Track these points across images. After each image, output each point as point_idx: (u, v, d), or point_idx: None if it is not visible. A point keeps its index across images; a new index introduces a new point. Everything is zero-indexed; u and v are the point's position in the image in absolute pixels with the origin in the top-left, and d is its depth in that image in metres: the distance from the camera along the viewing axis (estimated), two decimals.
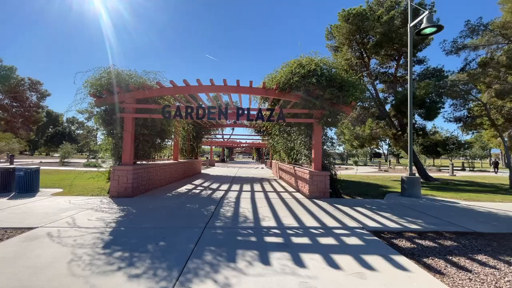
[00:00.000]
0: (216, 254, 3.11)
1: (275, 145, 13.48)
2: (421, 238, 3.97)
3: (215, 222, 4.57)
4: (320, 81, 6.58)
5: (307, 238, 3.80)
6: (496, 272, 2.86)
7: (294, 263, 2.90)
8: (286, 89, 7.05)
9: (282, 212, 5.39)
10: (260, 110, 7.62)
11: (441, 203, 6.91)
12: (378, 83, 17.77)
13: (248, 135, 19.39)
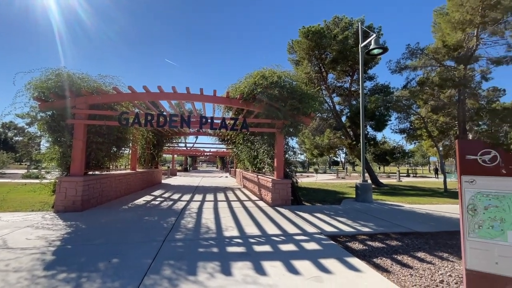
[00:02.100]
0: (175, 268, 3.00)
1: (239, 154, 13.54)
2: (372, 240, 4.32)
3: (176, 234, 4.40)
4: (282, 92, 6.87)
5: (269, 246, 3.87)
6: (432, 266, 3.24)
7: (256, 272, 2.93)
8: (249, 99, 7.21)
9: (245, 221, 5.41)
10: (223, 119, 7.64)
11: (389, 207, 7.60)
12: (335, 96, 19.08)
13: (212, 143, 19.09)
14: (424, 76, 15.93)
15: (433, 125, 16.53)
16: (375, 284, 2.71)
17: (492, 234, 2.11)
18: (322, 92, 17.88)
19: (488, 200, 2.14)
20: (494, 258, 2.09)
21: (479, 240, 2.15)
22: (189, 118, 7.36)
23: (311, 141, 16.38)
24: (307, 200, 8.79)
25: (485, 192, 2.16)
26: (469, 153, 2.25)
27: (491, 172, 2.14)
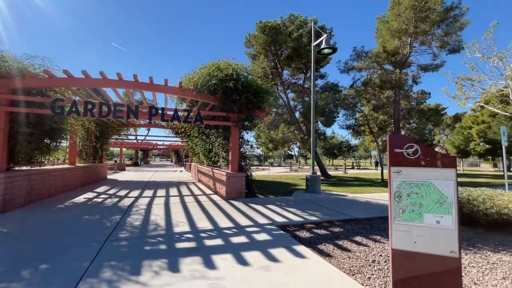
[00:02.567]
0: (117, 269, 2.79)
1: (194, 147, 13.17)
2: (318, 228, 4.64)
3: (120, 233, 4.09)
4: (237, 85, 6.83)
5: (220, 239, 3.86)
6: (367, 249, 3.62)
7: (205, 266, 2.90)
8: (203, 91, 7.00)
9: (198, 216, 5.30)
10: (176, 110, 7.30)
11: (335, 197, 8.26)
12: (289, 92, 19.78)
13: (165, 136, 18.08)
14: (368, 77, 17.57)
15: (374, 122, 18.40)
16: (318, 268, 2.92)
17: (412, 217, 2.44)
18: (278, 87, 18.37)
19: (410, 188, 2.46)
20: (413, 238, 2.42)
21: (402, 223, 2.46)
22: (137, 108, 6.84)
23: (266, 135, 16.79)
24: (261, 193, 9.01)
25: (408, 181, 2.47)
26: (397, 147, 2.54)
27: (413, 164, 2.46)
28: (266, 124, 17.72)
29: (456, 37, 14.59)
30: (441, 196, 2.37)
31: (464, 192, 5.16)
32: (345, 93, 17.22)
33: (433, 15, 13.74)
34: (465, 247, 3.73)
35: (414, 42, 15.61)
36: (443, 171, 2.39)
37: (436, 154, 2.44)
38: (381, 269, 2.97)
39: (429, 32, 14.48)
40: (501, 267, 3.06)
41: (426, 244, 2.39)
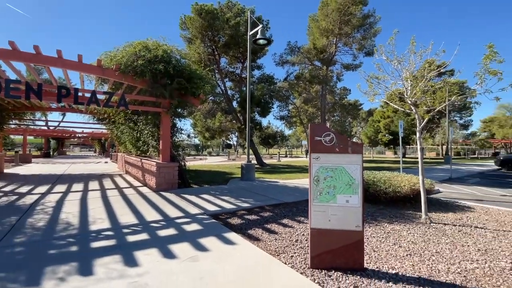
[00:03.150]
0: (8, 281, 2.29)
1: (120, 135, 11.83)
2: (249, 214, 4.79)
3: (16, 237, 3.37)
4: (168, 69, 6.34)
5: (146, 233, 3.59)
6: (292, 230, 3.92)
7: (125, 264, 2.64)
8: (128, 72, 6.26)
9: (121, 210, 4.81)
10: (94, 92, 6.34)
11: (268, 183, 8.68)
12: (227, 80, 19.59)
13: (85, 123, 15.63)
14: (300, 71, 18.80)
15: (304, 114, 19.96)
16: (246, 253, 3.01)
17: (327, 198, 2.72)
18: (215, 75, 17.95)
19: (326, 172, 2.73)
20: (328, 217, 2.71)
21: (320, 204, 2.73)
22: (41, 87, 5.66)
23: (203, 123, 16.36)
24: (196, 183, 8.77)
25: (325, 165, 2.73)
26: (316, 135, 2.77)
27: (330, 150, 2.73)
28: (203, 113, 17.22)
29: (371, 42, 16.86)
30: (351, 178, 2.71)
31: (370, 175, 6.09)
32: (280, 85, 18.08)
33: (354, 19, 15.51)
34: (369, 221, 4.42)
35: (338, 43, 17.39)
36: (352, 157, 2.72)
37: (348, 141, 2.76)
38: (303, 247, 3.26)
39: (350, 35, 16.35)
40: (393, 235, 3.75)
41: (338, 221, 2.71)
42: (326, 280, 2.47)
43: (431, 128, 32.66)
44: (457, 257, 3.06)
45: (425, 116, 4.56)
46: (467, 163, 22.79)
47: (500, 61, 3.74)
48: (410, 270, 2.71)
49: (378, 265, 2.82)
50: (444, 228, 4.10)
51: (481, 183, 10.44)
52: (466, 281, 2.53)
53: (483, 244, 3.44)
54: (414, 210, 5.09)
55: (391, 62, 4.55)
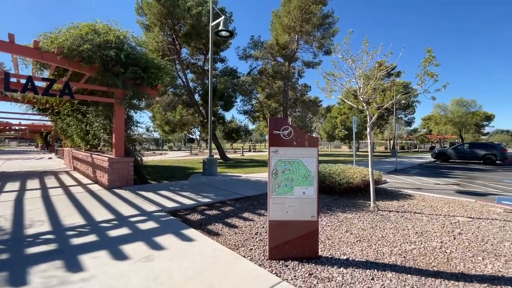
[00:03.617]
0: None
1: (66, 128, 10.66)
2: (210, 209, 4.71)
3: None
4: (121, 56, 5.83)
5: (94, 235, 3.30)
6: (252, 223, 3.96)
7: (67, 270, 2.39)
8: (74, 57, 5.60)
9: (66, 211, 4.34)
10: (30, 78, 5.57)
11: (230, 178, 8.64)
12: (189, 72, 18.87)
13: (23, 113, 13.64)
14: (263, 66, 18.93)
15: (267, 109, 20.23)
16: (204, 249, 2.94)
17: (285, 190, 2.79)
18: (176, 66, 17.15)
19: (285, 165, 2.79)
20: (286, 209, 2.79)
21: (278, 197, 2.78)
22: None
23: (162, 116, 15.56)
24: (154, 178, 8.34)
25: (283, 159, 2.79)
26: (275, 129, 2.80)
27: (288, 144, 2.79)
28: (163, 105, 16.36)
29: (329, 41, 17.67)
30: (307, 171, 2.81)
31: (327, 168, 6.44)
32: (243, 80, 18.01)
33: (314, 18, 16.07)
34: (324, 211, 4.67)
35: (300, 40, 17.88)
36: (309, 150, 2.82)
37: (305, 135, 2.84)
38: (262, 239, 3.31)
39: (311, 33, 16.93)
40: (345, 223, 4.02)
41: (295, 212, 2.80)
42: (283, 270, 2.54)
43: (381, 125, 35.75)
44: (398, 240, 3.40)
45: (375, 112, 4.94)
46: (409, 156, 25.52)
47: (436, 65, 4.19)
48: (359, 255, 2.93)
49: (332, 252, 2.99)
50: (389, 215, 4.52)
51: (420, 173, 11.78)
52: (405, 261, 2.83)
53: (420, 227, 3.88)
54: (364, 200, 5.52)
55: (346, 61, 4.81)
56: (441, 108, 41.47)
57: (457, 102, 39.06)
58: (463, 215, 4.61)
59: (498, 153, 16.18)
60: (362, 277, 2.44)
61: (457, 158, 17.90)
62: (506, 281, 2.44)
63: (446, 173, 12.11)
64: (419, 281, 2.40)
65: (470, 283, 2.40)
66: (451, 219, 4.35)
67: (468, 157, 17.36)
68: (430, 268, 2.67)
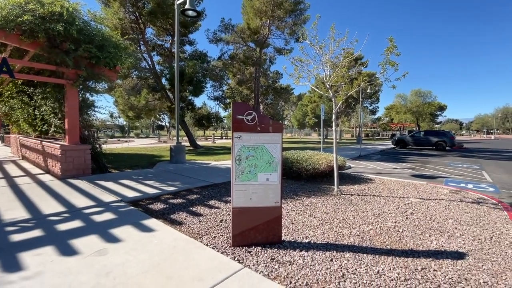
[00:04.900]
0: None
1: (10, 112, 9.48)
2: (175, 198, 4.54)
3: None
4: (71, 31, 5.20)
5: (40, 229, 2.99)
6: (218, 210, 3.89)
7: (4, 270, 2.13)
8: (12, 30, 4.87)
9: (8, 204, 3.88)
10: None
11: (199, 165, 8.44)
12: (155, 54, 17.74)
13: None
14: (234, 51, 18.43)
15: (239, 95, 19.94)
16: (165, 239, 2.82)
17: (249, 177, 2.73)
18: (140, 47, 16.01)
19: (248, 151, 2.72)
20: (249, 195, 2.74)
21: (241, 183, 2.72)
22: None
23: (125, 101, 14.54)
24: (116, 167, 7.84)
25: (247, 145, 2.71)
26: (239, 113, 2.70)
27: (251, 129, 2.71)
28: (126, 89, 15.26)
29: (301, 28, 17.61)
30: (271, 157, 2.77)
31: (295, 154, 6.54)
32: (214, 64, 17.41)
33: (286, 4, 15.85)
34: (291, 196, 4.75)
35: (272, 26, 17.60)
36: (273, 136, 2.77)
37: (269, 120, 2.78)
38: (227, 226, 3.26)
39: (283, 19, 16.73)
40: (310, 208, 4.13)
41: (259, 199, 2.77)
42: (246, 256, 2.52)
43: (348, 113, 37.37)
44: (358, 222, 3.57)
45: (339, 99, 5.04)
46: (373, 143, 27.15)
47: (397, 54, 4.35)
48: (321, 238, 3.02)
49: (295, 236, 3.05)
50: (351, 198, 4.74)
51: (381, 159, 12.58)
52: (363, 241, 2.98)
53: (378, 209, 4.12)
54: (329, 184, 5.73)
55: (314, 47, 4.79)
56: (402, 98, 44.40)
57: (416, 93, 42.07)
58: (416, 196, 5.00)
59: (448, 140, 17.85)
60: (322, 258, 2.52)
61: (414, 144, 19.43)
62: (448, 255, 2.68)
63: (404, 158, 13.09)
64: (373, 259, 2.54)
65: (417, 258, 2.60)
66: (405, 200, 4.69)
67: (424, 144, 18.93)
68: (384, 247, 2.84)
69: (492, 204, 4.57)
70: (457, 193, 5.32)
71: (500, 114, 77.31)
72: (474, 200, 4.84)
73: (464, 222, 3.63)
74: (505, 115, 79.05)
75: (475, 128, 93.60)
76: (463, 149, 19.59)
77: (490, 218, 3.84)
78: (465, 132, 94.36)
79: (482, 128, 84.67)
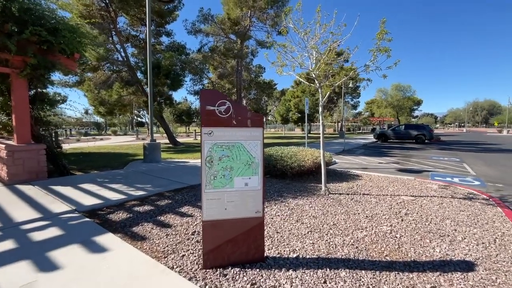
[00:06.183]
0: None
1: None
2: (142, 204, 3.92)
3: None
4: (12, 9, 4.36)
5: None
6: (191, 219, 3.34)
7: None
8: None
9: None
10: None
11: (176, 164, 7.78)
12: (129, 46, 16.56)
13: None
14: (215, 44, 17.62)
15: (220, 90, 19.19)
16: (119, 262, 2.25)
17: (223, 182, 2.21)
18: (112, 38, 14.84)
19: (222, 150, 2.19)
20: (224, 205, 2.22)
21: (214, 191, 2.19)
22: None
23: (95, 95, 13.41)
24: (82, 168, 7.02)
25: (220, 143, 2.18)
26: (209, 104, 2.15)
27: (225, 123, 2.18)
28: (98, 83, 14.07)
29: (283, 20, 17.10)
30: (250, 157, 2.26)
31: (279, 151, 6.08)
32: (193, 57, 16.51)
33: None
34: (275, 198, 4.29)
35: (253, 17, 16.96)
36: (252, 131, 2.25)
37: (247, 113, 2.26)
38: (199, 240, 2.73)
39: (264, 10, 16.13)
40: (296, 211, 3.68)
41: (236, 209, 2.26)
42: (220, 282, 2.01)
43: (330, 108, 37.60)
44: (350, 226, 3.17)
45: (327, 90, 4.61)
46: (355, 137, 27.44)
47: (389, 40, 3.96)
48: (310, 250, 2.57)
49: (280, 249, 2.58)
50: (339, 198, 4.35)
51: (365, 153, 12.48)
52: (358, 252, 2.56)
53: (370, 210, 3.75)
54: (316, 182, 5.33)
55: (298, 32, 4.31)
56: (383, 92, 45.35)
57: (396, 87, 43.10)
58: (407, 193, 4.71)
59: (427, 133, 18.22)
60: (313, 280, 2.06)
61: (395, 138, 19.71)
62: (456, 266, 2.32)
63: (387, 152, 13.08)
64: (374, 277, 2.12)
65: (423, 272, 2.21)
66: (396, 199, 4.37)
67: (404, 137, 19.24)
68: (383, 258, 2.44)
69: (484, 200, 4.36)
70: (446, 189, 5.11)
71: (471, 108, 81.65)
72: (465, 195, 4.63)
73: (462, 223, 3.34)
74: (474, 109, 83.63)
75: (448, 121, 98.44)
76: (440, 142, 20.16)
77: (486, 216, 3.59)
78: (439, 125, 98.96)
79: (454, 122, 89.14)
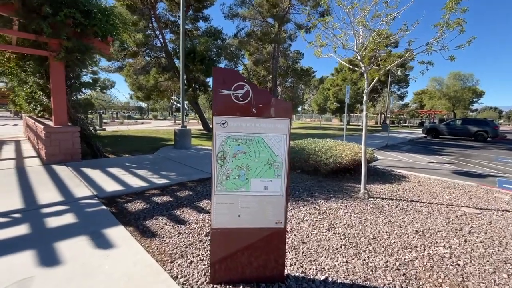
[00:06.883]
0: None
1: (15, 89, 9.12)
2: (162, 194, 3.74)
3: None
4: None
5: None
6: (207, 216, 3.03)
7: None
8: None
9: None
10: None
11: (205, 152, 7.63)
12: (168, 32, 16.79)
13: None
14: (251, 28, 17.01)
15: (255, 76, 18.70)
16: (122, 262, 2.01)
17: (237, 184, 1.81)
18: (152, 24, 15.12)
19: (237, 145, 1.77)
20: (237, 211, 1.83)
21: (225, 193, 1.80)
22: None
23: (133, 80, 13.91)
24: (115, 151, 7.24)
25: (235, 135, 1.76)
26: (223, 86, 1.73)
27: (242, 111, 1.74)
28: (136, 68, 14.57)
29: None
30: (272, 155, 1.80)
31: (312, 144, 5.50)
32: (229, 42, 16.18)
33: None
34: (305, 198, 3.80)
35: None
36: (276, 122, 1.78)
37: (270, 99, 1.78)
38: None
39: None
40: (328, 217, 3.16)
41: (252, 216, 1.84)
42: None
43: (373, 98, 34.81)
44: (395, 243, 2.57)
45: (375, 74, 3.87)
46: (400, 131, 25.05)
47: (463, 10, 3.08)
48: (343, 272, 2.08)
49: (305, 267, 2.12)
50: (382, 203, 3.69)
51: (412, 150, 11.12)
52: (406, 281, 2.00)
53: (420, 223, 3.07)
54: (353, 182, 4.69)
55: (342, 5, 3.61)
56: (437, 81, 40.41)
57: (455, 76, 37.96)
58: (469, 204, 3.84)
59: (490, 130, 15.71)
60: None
61: (448, 134, 17.40)
62: None
63: (439, 150, 11.51)
64: None
65: None
66: (455, 210, 3.57)
67: (460, 134, 16.88)
68: None
69: None
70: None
71: None
72: None
73: None
74: None
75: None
76: (506, 140, 17.29)
77: None
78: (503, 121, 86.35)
79: None
